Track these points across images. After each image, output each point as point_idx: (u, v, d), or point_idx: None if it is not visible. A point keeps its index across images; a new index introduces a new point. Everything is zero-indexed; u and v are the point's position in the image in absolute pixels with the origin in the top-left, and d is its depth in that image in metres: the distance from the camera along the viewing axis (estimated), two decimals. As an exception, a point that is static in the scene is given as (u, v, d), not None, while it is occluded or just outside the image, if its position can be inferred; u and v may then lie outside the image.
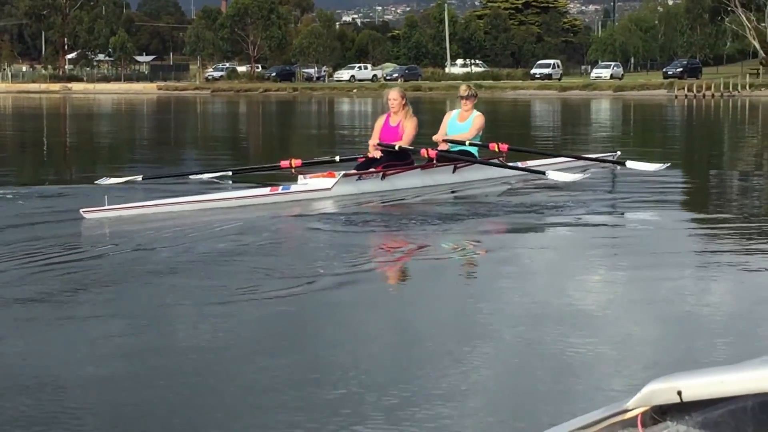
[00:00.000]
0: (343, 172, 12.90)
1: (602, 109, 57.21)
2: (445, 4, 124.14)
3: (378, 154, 13.52)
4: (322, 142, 29.13)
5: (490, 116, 14.56)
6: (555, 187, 13.43)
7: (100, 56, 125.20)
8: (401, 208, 12.32)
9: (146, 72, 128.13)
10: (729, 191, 15.01)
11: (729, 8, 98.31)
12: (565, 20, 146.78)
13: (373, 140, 13.75)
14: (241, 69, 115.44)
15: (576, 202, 12.26)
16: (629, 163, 15.08)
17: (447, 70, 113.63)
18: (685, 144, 22.81)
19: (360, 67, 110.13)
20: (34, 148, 27.12)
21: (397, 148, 13.45)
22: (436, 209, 11.83)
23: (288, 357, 5.65)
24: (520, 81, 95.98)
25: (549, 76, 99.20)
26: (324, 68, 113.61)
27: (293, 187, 12.66)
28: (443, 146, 14.30)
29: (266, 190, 12.51)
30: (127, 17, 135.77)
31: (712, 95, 73.16)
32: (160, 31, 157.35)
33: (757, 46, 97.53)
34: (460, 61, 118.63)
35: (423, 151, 13.88)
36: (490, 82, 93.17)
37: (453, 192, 13.60)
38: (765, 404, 2.80)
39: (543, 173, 13.58)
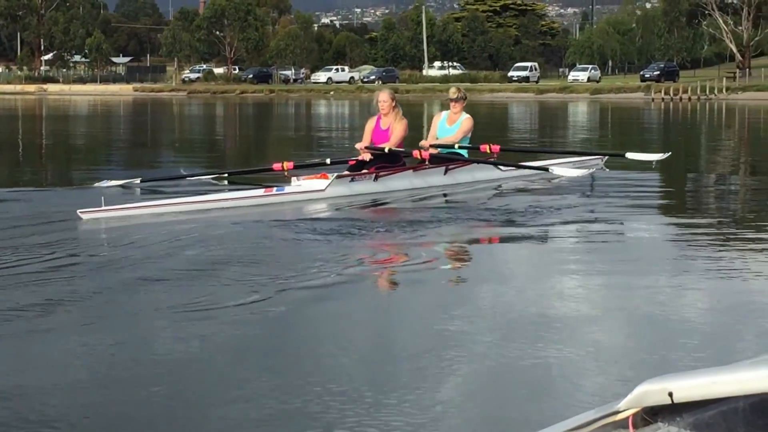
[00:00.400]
0: (336, 174, 13.03)
1: (579, 111, 57.34)
2: (423, 7, 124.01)
3: (368, 157, 13.58)
4: (299, 144, 28.98)
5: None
6: (542, 190, 13.58)
7: (76, 57, 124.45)
8: (391, 211, 12.35)
9: (123, 73, 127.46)
10: (706, 195, 14.96)
11: (706, 11, 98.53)
12: (543, 23, 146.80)
13: (364, 143, 13.81)
14: (218, 71, 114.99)
15: (559, 206, 12.30)
16: (629, 155, 15.35)
17: (424, 72, 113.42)
18: (662, 147, 22.73)
19: (337, 69, 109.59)
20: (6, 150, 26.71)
21: (386, 150, 13.54)
22: (425, 213, 11.80)
23: (266, 365, 5.60)
24: (498, 84, 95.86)
25: (526, 79, 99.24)
26: (303, 70, 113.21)
27: (287, 189, 12.81)
28: (432, 151, 14.30)
29: (261, 191, 12.63)
30: (104, 18, 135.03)
31: (689, 98, 73.23)
32: (138, 33, 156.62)
33: (734, 49, 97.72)
34: (437, 64, 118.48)
35: (415, 153, 14.01)
36: (468, 84, 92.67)
37: (444, 195, 13.73)
38: (756, 405, 2.81)
39: (546, 170, 13.86)
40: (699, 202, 14.04)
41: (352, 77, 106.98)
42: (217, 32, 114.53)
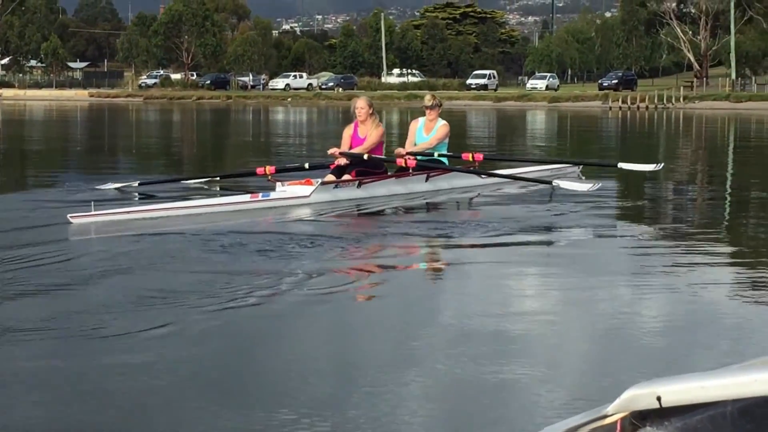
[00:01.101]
0: (320, 180, 13.30)
1: (537, 120, 57.27)
2: (382, 14, 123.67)
3: (342, 161, 13.85)
4: (259, 151, 28.58)
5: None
6: (515, 198, 13.98)
7: (33, 62, 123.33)
8: (366, 221, 12.56)
9: (80, 78, 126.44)
10: (664, 204, 14.76)
11: (664, 21, 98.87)
12: (503, 31, 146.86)
13: (342, 149, 14.05)
14: (176, 77, 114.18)
15: (529, 217, 12.39)
16: (621, 165, 15.69)
17: (383, 79, 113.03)
18: (619, 157, 22.60)
19: (295, 76, 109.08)
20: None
21: (366, 157, 13.78)
22: (401, 223, 12.16)
23: (224, 376, 5.56)
24: (456, 91, 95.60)
25: (485, 87, 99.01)
26: (263, 76, 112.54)
27: (273, 195, 13.04)
28: (411, 162, 14.27)
29: (247, 197, 12.92)
30: (61, 23, 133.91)
31: (647, 107, 73.37)
32: (97, 38, 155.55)
33: (692, 58, 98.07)
34: (396, 71, 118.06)
35: (400, 161, 14.16)
36: (425, 92, 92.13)
37: (426, 201, 14.01)
38: (744, 410, 2.80)
39: (549, 183, 14.04)
40: (657, 212, 13.93)
41: (310, 84, 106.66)
42: (175, 38, 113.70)
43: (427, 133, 15.01)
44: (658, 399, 2.67)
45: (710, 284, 8.23)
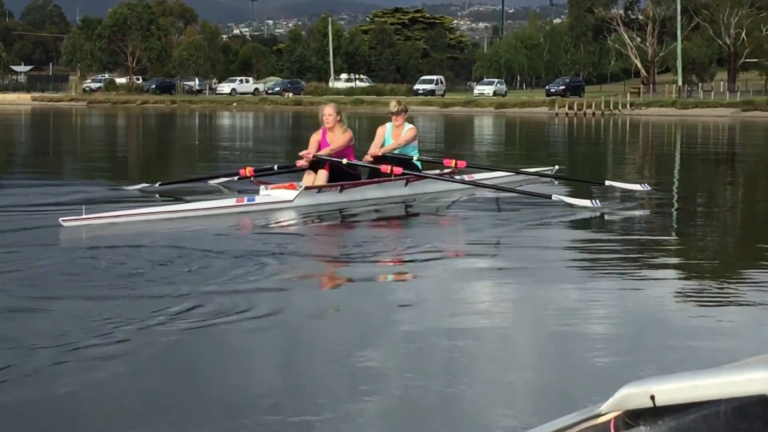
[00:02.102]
0: (304, 186, 13.66)
1: (484, 125, 56.99)
2: (329, 18, 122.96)
3: (304, 164, 14.18)
4: (203, 157, 28.03)
5: (369, 133, 15.30)
6: (492, 205, 14.45)
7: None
8: (342, 229, 12.84)
9: (24, 82, 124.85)
10: (610, 210, 14.35)
11: (612, 27, 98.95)
12: (452, 36, 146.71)
13: (308, 151, 14.20)
14: (121, 81, 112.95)
15: (495, 223, 12.66)
16: (609, 183, 16.19)
17: (331, 84, 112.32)
18: (563, 163, 22.21)
19: (241, 81, 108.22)
20: None
21: (344, 162, 14.10)
22: (376, 228, 12.57)
23: (173, 386, 5.54)
24: (403, 96, 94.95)
25: (432, 92, 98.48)
26: (214, 81, 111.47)
27: (257, 199, 13.38)
28: (397, 169, 14.49)
29: (233, 201, 13.25)
30: (6, 26, 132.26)
31: (593, 113, 73.28)
32: (44, 41, 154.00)
33: (639, 65, 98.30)
34: (344, 76, 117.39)
35: (385, 168, 14.38)
36: (373, 97, 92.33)
37: (405, 205, 14.44)
38: (738, 409, 2.81)
39: (549, 197, 14.11)
40: (603, 218, 13.72)
41: (256, 89, 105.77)
42: (119, 42, 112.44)
43: (395, 138, 15.25)
44: (652, 398, 2.67)
45: (659, 292, 8.32)
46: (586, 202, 13.85)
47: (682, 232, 12.75)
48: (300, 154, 14.34)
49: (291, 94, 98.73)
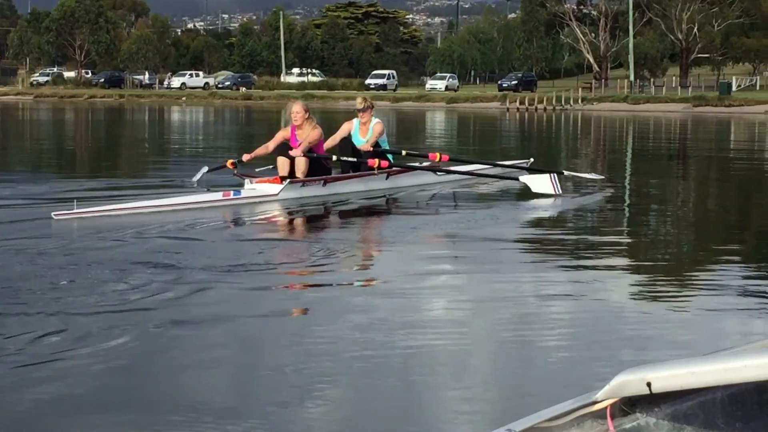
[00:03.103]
0: (289, 180, 13.97)
1: (435, 120, 56.68)
2: (281, 12, 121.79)
3: (248, 158, 14.54)
4: (157, 153, 27.43)
5: (324, 128, 14.90)
6: (469, 198, 14.93)
7: None
8: (324, 220, 13.36)
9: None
10: (563, 205, 14.49)
11: (564, 22, 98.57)
12: (405, 31, 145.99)
13: (272, 143, 14.53)
14: (70, 74, 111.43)
15: (476, 218, 12.78)
16: (567, 173, 16.62)
17: (282, 79, 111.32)
18: (503, 157, 22.00)
19: (191, 75, 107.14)
20: None
21: (334, 158, 14.71)
22: (350, 223, 13.09)
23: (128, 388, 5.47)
24: (354, 91, 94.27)
25: (384, 87, 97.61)
26: (169, 75, 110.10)
27: (243, 193, 13.82)
28: (372, 161, 14.80)
29: (219, 195, 13.56)
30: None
31: (545, 108, 73.07)
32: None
33: (591, 60, 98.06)
34: (296, 70, 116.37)
35: (372, 161, 14.71)
36: (323, 92, 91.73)
37: (386, 198, 14.85)
38: (734, 396, 2.88)
39: (517, 179, 15.07)
40: (557, 212, 13.95)
41: (207, 83, 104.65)
42: (67, 35, 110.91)
43: (362, 135, 15.36)
44: (648, 385, 2.69)
45: (613, 285, 8.48)
46: (550, 189, 14.73)
47: (633, 223, 13.09)
48: (257, 152, 14.63)
49: (244, 89, 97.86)
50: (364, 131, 15.35)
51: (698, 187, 19.32)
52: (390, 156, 15.58)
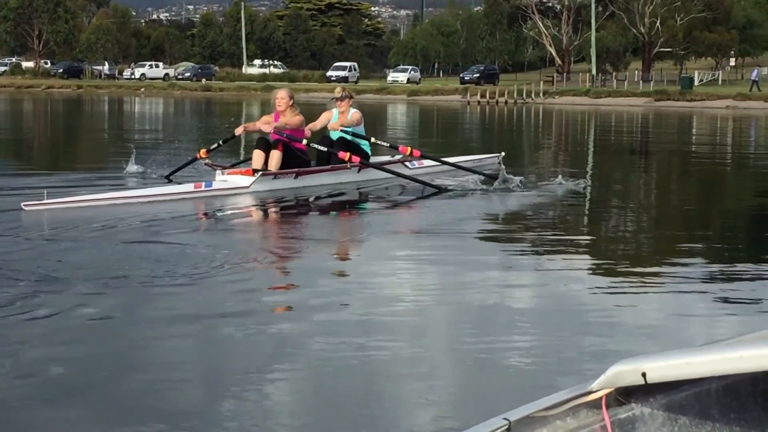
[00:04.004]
0: (261, 172, 14.05)
1: (394, 113, 56.43)
2: (242, 3, 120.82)
3: (240, 131, 14.84)
4: (111, 144, 26.83)
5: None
6: (433, 194, 14.58)
7: None
8: (294, 213, 13.14)
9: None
10: (524, 199, 14.38)
11: (527, 15, 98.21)
12: (368, 23, 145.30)
13: (259, 122, 14.78)
14: (28, 64, 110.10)
15: (439, 212, 12.89)
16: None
17: (244, 70, 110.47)
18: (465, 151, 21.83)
19: (151, 65, 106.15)
20: None
21: (304, 142, 14.43)
22: (320, 215, 13.20)
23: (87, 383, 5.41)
24: (316, 83, 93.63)
25: (345, 79, 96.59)
26: (132, 65, 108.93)
27: (215, 184, 13.85)
28: (344, 154, 14.83)
29: (191, 187, 13.55)
30: None
31: (506, 102, 72.94)
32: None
33: (554, 53, 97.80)
34: (258, 62, 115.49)
35: (342, 154, 14.66)
36: (284, 83, 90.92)
37: (358, 191, 14.93)
38: (729, 387, 2.90)
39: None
40: (523, 207, 13.84)
41: (167, 74, 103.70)
42: (25, 24, 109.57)
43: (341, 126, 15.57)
44: (644, 375, 2.71)
45: (576, 280, 8.50)
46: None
47: (595, 218, 13.27)
48: (246, 125, 14.99)
49: (204, 79, 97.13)
50: (342, 120, 15.53)
51: (660, 181, 19.30)
52: (367, 147, 15.62)
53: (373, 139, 15.81)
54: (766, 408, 3.03)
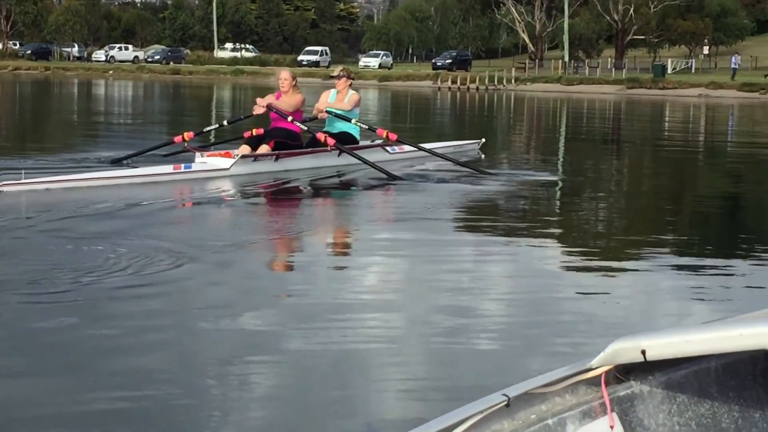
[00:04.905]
0: (240, 154, 14.02)
1: (365, 98, 54.82)
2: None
3: (260, 111, 14.63)
4: (81, 128, 26.61)
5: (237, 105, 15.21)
6: (418, 176, 14.87)
7: None
8: (273, 198, 13.10)
9: None
10: (486, 186, 14.32)
11: (500, 1, 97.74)
12: (342, 7, 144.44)
13: (262, 101, 14.70)
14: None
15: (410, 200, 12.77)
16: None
17: (215, 53, 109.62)
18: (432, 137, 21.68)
19: (120, 48, 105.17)
20: None
21: (289, 119, 14.49)
22: (300, 199, 13.25)
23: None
24: (287, 68, 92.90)
25: (316, 64, 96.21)
26: (107, 48, 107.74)
27: (194, 167, 13.81)
28: (323, 116, 15.50)
29: (170, 168, 13.60)
30: None
31: (477, 88, 72.59)
32: None
33: (527, 39, 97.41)
34: (229, 45, 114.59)
35: (320, 135, 14.76)
36: (254, 68, 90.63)
37: (339, 174, 14.92)
38: (728, 366, 2.91)
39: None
40: (497, 193, 13.75)
41: (136, 56, 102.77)
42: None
43: (339, 104, 15.58)
44: (643, 353, 2.71)
45: (544, 269, 8.49)
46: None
47: (567, 206, 13.28)
48: (258, 101, 14.74)
49: (172, 63, 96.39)
50: (340, 99, 15.63)
51: (630, 169, 19.38)
52: (355, 132, 15.65)
53: (354, 121, 15.62)
54: (764, 387, 3.04)
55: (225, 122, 15.98)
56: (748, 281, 8.15)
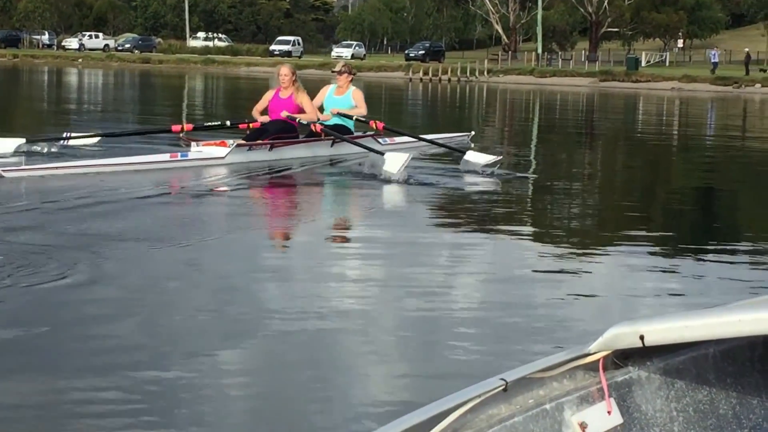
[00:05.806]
0: (236, 143, 14.30)
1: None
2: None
3: (266, 118, 14.85)
4: (52, 116, 26.48)
5: (227, 92, 15.06)
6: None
7: None
8: (268, 185, 13.50)
9: None
10: (459, 179, 14.38)
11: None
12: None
13: (258, 107, 15.10)
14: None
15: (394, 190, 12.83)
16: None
17: (188, 42, 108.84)
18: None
19: (90, 36, 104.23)
20: None
21: (299, 120, 14.74)
22: (291, 189, 13.47)
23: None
24: (258, 57, 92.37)
25: (288, 53, 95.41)
26: (80, 35, 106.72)
27: (190, 155, 14.02)
28: (317, 126, 15.12)
29: (166, 156, 13.83)
30: None
31: (449, 80, 72.48)
32: None
33: (501, 31, 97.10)
34: (202, 34, 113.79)
35: (312, 125, 14.91)
36: (225, 57, 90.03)
37: (330, 162, 15.11)
38: (726, 352, 2.91)
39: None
40: (476, 188, 13.82)
41: (106, 45, 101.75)
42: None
43: (338, 95, 15.63)
44: (641, 338, 2.71)
45: (520, 264, 8.47)
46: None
47: (540, 201, 13.28)
48: (260, 119, 14.89)
49: (141, 52, 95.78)
50: (341, 93, 15.72)
51: (603, 163, 19.52)
52: (350, 124, 15.67)
53: (354, 117, 15.66)
54: (762, 373, 3.04)
55: (228, 122, 15.94)
56: (722, 274, 8.22)
